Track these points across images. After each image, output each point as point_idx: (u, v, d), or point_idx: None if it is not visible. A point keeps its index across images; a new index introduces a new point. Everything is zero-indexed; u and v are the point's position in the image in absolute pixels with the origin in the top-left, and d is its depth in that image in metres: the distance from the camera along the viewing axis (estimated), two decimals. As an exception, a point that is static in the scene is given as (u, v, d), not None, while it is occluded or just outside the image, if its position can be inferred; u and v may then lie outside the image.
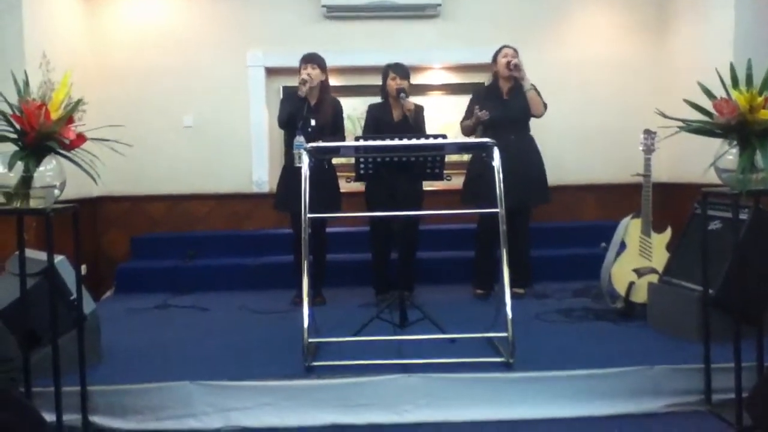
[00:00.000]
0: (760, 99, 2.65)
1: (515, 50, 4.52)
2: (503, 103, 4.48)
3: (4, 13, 4.48)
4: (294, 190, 4.20)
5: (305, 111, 4.24)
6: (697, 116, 2.88)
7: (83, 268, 4.45)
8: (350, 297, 4.62)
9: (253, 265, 5.21)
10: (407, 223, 4.34)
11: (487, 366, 3.04)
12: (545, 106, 4.52)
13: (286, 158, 4.45)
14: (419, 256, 4.69)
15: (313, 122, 4.27)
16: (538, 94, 4.49)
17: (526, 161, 4.41)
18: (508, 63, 4.42)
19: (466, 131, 4.57)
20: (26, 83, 2.71)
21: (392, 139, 3.45)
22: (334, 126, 4.41)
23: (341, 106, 4.53)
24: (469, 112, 4.56)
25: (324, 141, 4.08)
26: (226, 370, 3.10)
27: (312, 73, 4.30)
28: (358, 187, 4.34)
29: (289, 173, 4.34)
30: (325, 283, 4.60)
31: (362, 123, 5.66)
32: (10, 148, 2.62)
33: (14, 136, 2.61)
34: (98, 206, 5.65)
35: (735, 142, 2.77)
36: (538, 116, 4.53)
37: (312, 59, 4.37)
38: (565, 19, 5.95)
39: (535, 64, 5.77)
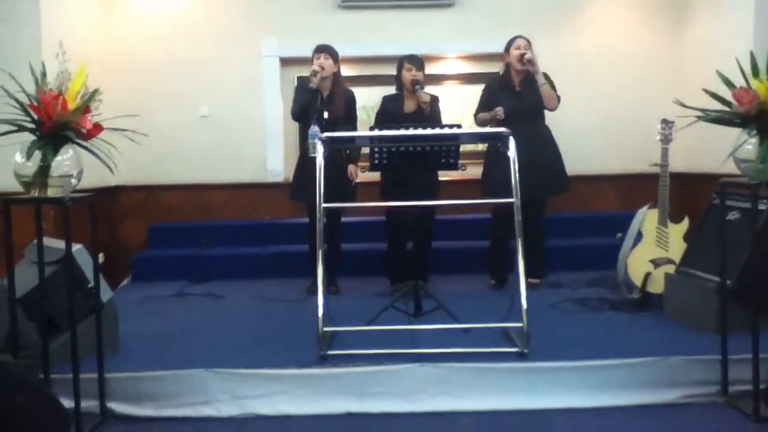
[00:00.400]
0: (780, 88, 2.62)
1: (528, 41, 4.47)
2: (516, 95, 4.46)
3: (21, 3, 4.52)
4: (309, 180, 4.22)
5: (318, 103, 4.24)
6: (716, 106, 2.85)
7: (101, 257, 4.50)
8: (364, 286, 4.63)
9: (267, 254, 5.23)
10: (422, 214, 4.33)
11: (502, 356, 3.03)
12: (559, 99, 4.47)
13: (302, 148, 4.46)
14: (434, 246, 4.69)
15: (326, 114, 4.26)
16: (553, 86, 4.44)
17: (539, 152, 4.37)
18: (522, 56, 4.37)
19: (481, 124, 4.55)
20: (43, 73, 2.73)
21: (407, 128, 3.44)
22: (347, 117, 4.40)
23: (354, 97, 4.52)
24: (483, 104, 4.54)
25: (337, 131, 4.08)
26: (242, 358, 3.12)
27: (324, 63, 4.29)
28: (374, 176, 4.33)
29: (305, 163, 4.34)
30: (339, 273, 4.61)
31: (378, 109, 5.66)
32: (28, 137, 2.64)
33: (32, 125, 2.64)
34: (115, 195, 5.69)
35: (754, 132, 2.74)
36: (552, 110, 4.50)
37: (324, 50, 4.36)
38: (581, 7, 5.89)
39: (550, 53, 5.76)
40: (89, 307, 2.96)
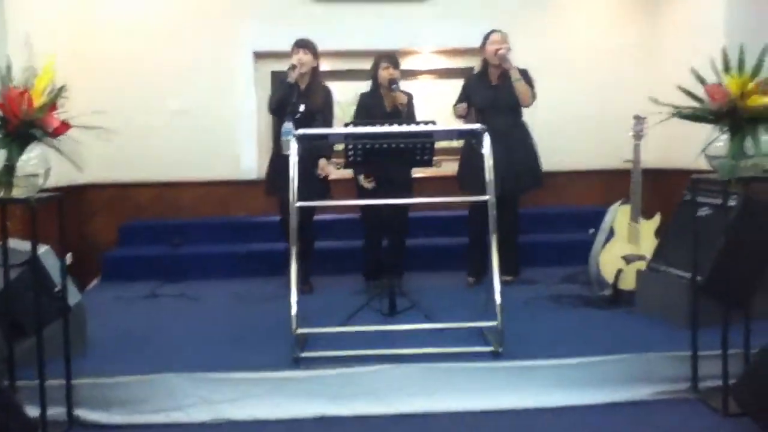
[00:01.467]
0: (751, 85, 2.63)
1: (504, 35, 4.46)
2: (492, 90, 4.45)
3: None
4: (283, 175, 4.18)
5: (295, 97, 4.20)
6: (689, 102, 2.86)
7: (69, 257, 4.40)
8: (339, 285, 4.60)
9: (241, 253, 5.17)
10: (397, 210, 4.31)
11: (476, 356, 3.03)
12: (534, 96, 4.47)
13: (275, 144, 4.41)
14: (410, 243, 4.67)
15: (302, 108, 4.23)
16: (530, 82, 4.45)
17: (515, 147, 4.38)
18: (496, 51, 4.37)
19: (459, 114, 4.55)
20: (8, 68, 2.65)
21: (381, 125, 3.42)
22: (323, 113, 4.37)
23: (331, 93, 4.49)
24: (460, 98, 4.55)
25: (313, 127, 4.06)
26: (214, 361, 3.07)
27: (303, 58, 4.26)
28: (348, 173, 4.30)
29: (279, 159, 4.31)
30: (313, 271, 4.57)
31: (351, 108, 5.62)
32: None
33: (-5, 124, 2.56)
34: (84, 193, 5.58)
35: (725, 129, 2.75)
36: (526, 106, 4.51)
37: (304, 45, 4.32)
38: (556, 3, 5.90)
39: (526, 48, 5.72)
40: (56, 311, 2.89)
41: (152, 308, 4.26)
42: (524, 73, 4.46)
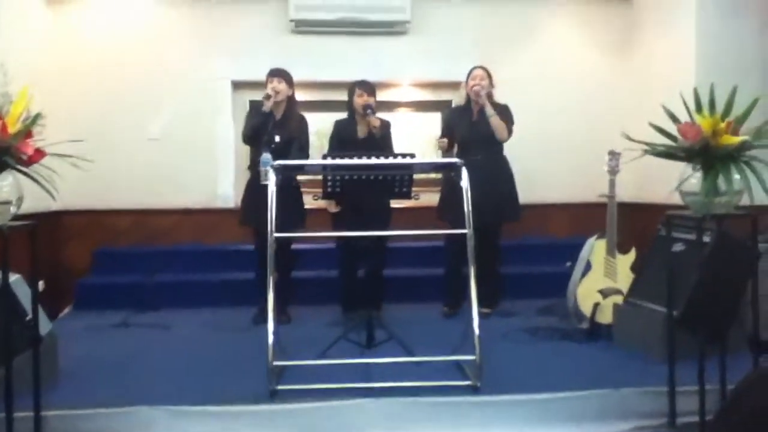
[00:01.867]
0: (722, 124, 2.69)
1: (486, 71, 4.57)
2: (473, 124, 4.53)
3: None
4: (258, 205, 4.17)
5: (270, 126, 4.20)
6: (662, 138, 2.91)
7: (41, 285, 4.32)
8: (316, 315, 4.56)
9: (217, 282, 5.12)
10: (374, 241, 4.31)
11: (454, 390, 3.01)
12: (510, 132, 4.55)
13: (252, 173, 4.39)
14: (387, 273, 4.67)
15: (277, 138, 4.23)
16: (509, 118, 4.54)
17: (494, 180, 4.43)
18: (471, 87, 4.48)
19: (442, 149, 4.59)
20: (-18, 96, 2.62)
21: (360, 157, 3.43)
22: (299, 142, 4.37)
23: (307, 123, 4.50)
24: (442, 131, 4.65)
25: (289, 157, 4.08)
26: (188, 393, 3.02)
27: (278, 87, 4.27)
28: (325, 203, 4.30)
29: (254, 188, 4.30)
30: (291, 301, 4.53)
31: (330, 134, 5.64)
32: (-36, 163, 2.52)
33: (-32, 151, 2.52)
34: (58, 219, 5.49)
35: (698, 166, 2.81)
36: (502, 141, 4.58)
37: (279, 73, 4.34)
38: (532, 36, 6.01)
39: (503, 80, 5.81)
40: (26, 340, 2.82)
41: (125, 338, 4.19)
42: (504, 109, 4.56)
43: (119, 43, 5.68)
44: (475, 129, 4.50)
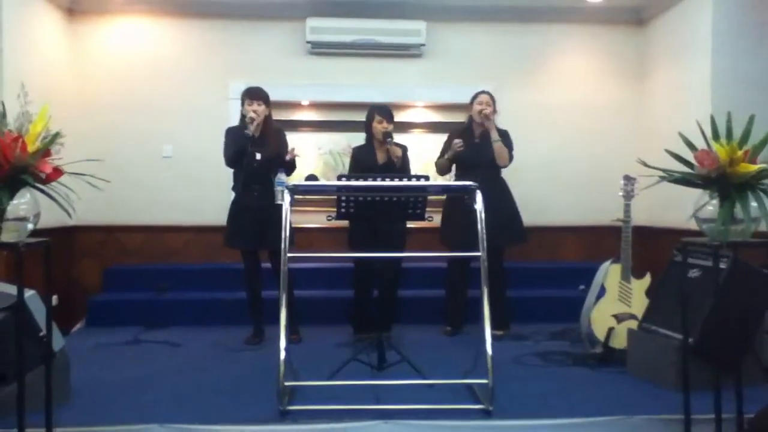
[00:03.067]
0: (740, 153, 2.68)
1: (491, 97, 4.63)
2: (475, 146, 4.57)
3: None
4: (243, 225, 4.24)
5: (249, 146, 4.22)
6: (677, 164, 2.90)
7: (54, 299, 4.33)
8: (326, 335, 4.55)
9: (227, 300, 5.12)
10: (388, 263, 4.32)
11: (466, 413, 2.99)
12: (511, 158, 4.61)
13: (236, 192, 4.39)
14: (401, 294, 4.66)
15: (258, 156, 4.26)
16: (509, 144, 4.59)
17: (496, 201, 4.42)
18: (480, 111, 4.51)
19: (441, 169, 4.68)
20: (3, 114, 2.65)
21: (374, 179, 3.44)
22: (279, 155, 4.35)
23: (284, 133, 4.51)
24: (442, 152, 4.68)
25: (272, 173, 4.18)
26: (198, 412, 3.02)
27: (258, 110, 4.29)
28: (339, 223, 4.30)
29: (238, 208, 4.36)
30: (300, 321, 4.53)
31: (344, 159, 5.69)
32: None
33: (-12, 168, 2.54)
34: (72, 235, 5.54)
35: (715, 193, 2.79)
36: (502, 167, 4.63)
37: (257, 95, 4.35)
38: (546, 62, 6.03)
39: (516, 105, 5.88)
40: (39, 357, 2.83)
41: (136, 355, 4.19)
42: (504, 135, 4.62)
43: (135, 62, 5.76)
44: (476, 151, 4.55)
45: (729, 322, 2.97)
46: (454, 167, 4.70)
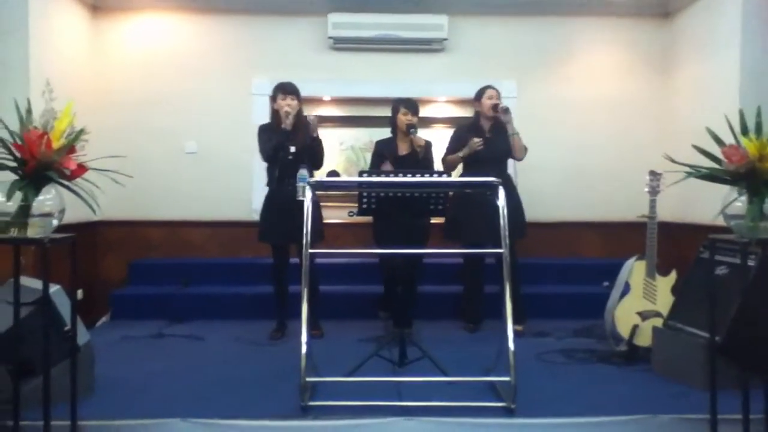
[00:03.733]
0: (770, 148, 2.62)
1: (498, 92, 4.63)
2: (485, 141, 4.53)
3: (10, 41, 4.48)
4: (276, 220, 4.22)
5: (285, 141, 4.26)
6: (704, 160, 2.85)
7: (79, 293, 4.38)
8: (349, 330, 4.56)
9: (249, 295, 5.15)
10: (408, 260, 4.31)
11: (488, 410, 2.97)
12: (526, 149, 4.58)
13: (270, 187, 4.41)
14: (421, 290, 4.65)
15: (292, 149, 4.28)
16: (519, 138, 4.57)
17: (508, 197, 4.38)
18: (496, 106, 4.50)
19: (451, 166, 4.63)
20: (29, 111, 2.68)
21: (395, 175, 3.43)
22: (311, 147, 4.36)
23: (311, 121, 4.48)
24: (452, 149, 4.64)
25: (305, 164, 4.19)
26: (220, 406, 3.03)
27: (292, 104, 4.31)
28: (361, 219, 4.30)
29: (272, 203, 4.36)
30: (322, 315, 4.54)
31: (365, 155, 5.69)
32: (10, 176, 2.58)
33: (14, 164, 2.57)
34: (97, 230, 5.59)
35: (744, 189, 2.74)
36: (519, 160, 4.62)
37: (291, 90, 4.37)
38: (569, 55, 5.96)
39: (538, 99, 5.84)
40: (65, 351, 2.87)
41: (160, 349, 4.23)
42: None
43: (158, 58, 5.80)
44: (488, 146, 4.52)
45: (758, 321, 2.91)
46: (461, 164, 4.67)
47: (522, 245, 4.70)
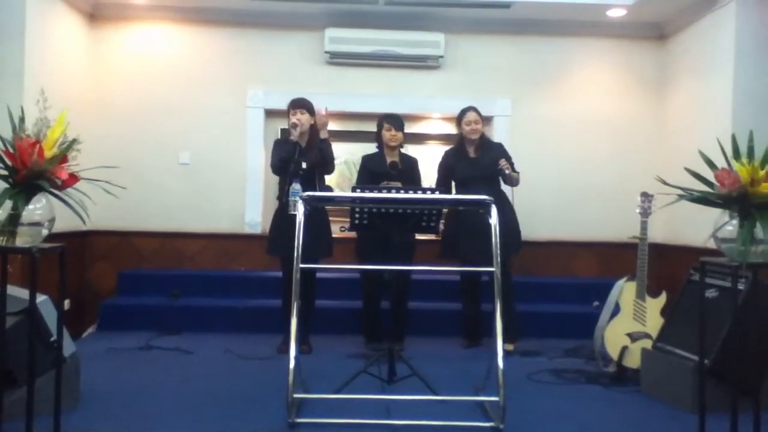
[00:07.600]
0: (762, 173, 2.63)
1: (478, 113, 4.65)
2: (472, 161, 4.59)
3: (5, 48, 4.48)
4: (285, 233, 4.20)
5: (296, 155, 4.26)
6: (696, 183, 2.86)
7: (66, 303, 4.34)
8: (338, 345, 4.54)
9: (240, 308, 5.12)
10: (399, 274, 4.30)
11: (477, 431, 2.96)
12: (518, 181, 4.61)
13: (280, 202, 4.42)
14: (413, 306, 4.64)
15: (304, 164, 4.30)
16: (508, 155, 4.59)
17: (500, 215, 4.38)
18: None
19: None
20: (22, 119, 2.67)
21: (390, 191, 3.43)
22: (323, 163, 4.42)
23: (328, 143, 4.54)
24: (443, 177, 4.69)
25: (317, 180, 4.26)
26: (207, 421, 3.00)
27: (301, 118, 4.33)
28: (352, 234, 4.29)
29: (282, 216, 4.34)
30: (312, 330, 4.51)
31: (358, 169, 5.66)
32: (1, 184, 2.56)
33: (5, 172, 2.56)
34: (88, 239, 5.56)
35: (734, 213, 2.75)
36: (513, 186, 4.62)
37: (302, 105, 4.41)
38: (565, 75, 5.99)
39: (533, 118, 5.86)
40: (50, 361, 2.84)
41: (147, 361, 4.18)
42: (499, 146, 4.70)
43: (154, 69, 5.80)
44: (473, 166, 4.56)
45: (747, 344, 2.92)
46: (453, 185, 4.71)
47: (517, 263, 4.70)
